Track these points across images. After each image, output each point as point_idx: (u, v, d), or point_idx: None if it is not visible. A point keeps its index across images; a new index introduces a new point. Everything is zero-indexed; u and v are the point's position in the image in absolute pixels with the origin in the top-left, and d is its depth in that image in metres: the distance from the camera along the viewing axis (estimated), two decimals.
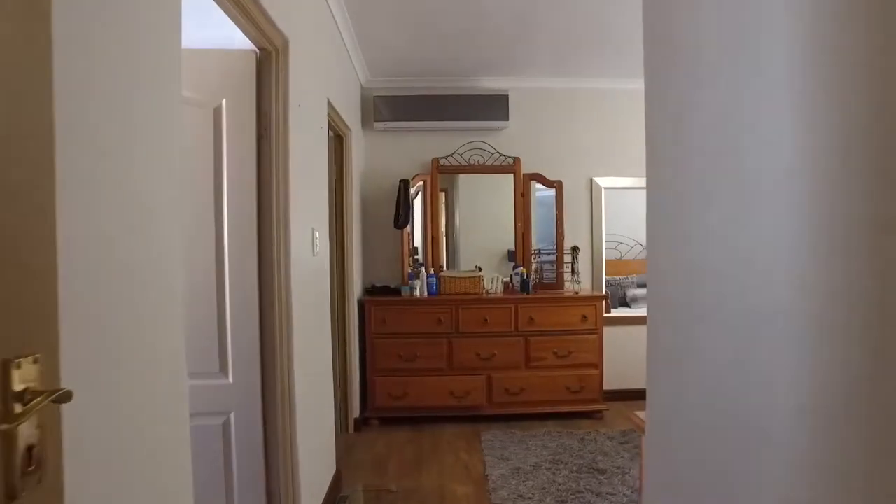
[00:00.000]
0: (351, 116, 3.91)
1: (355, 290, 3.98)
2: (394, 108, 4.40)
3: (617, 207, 4.74)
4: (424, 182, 4.47)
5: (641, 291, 5.39)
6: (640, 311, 4.94)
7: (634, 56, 4.32)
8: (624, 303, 5.44)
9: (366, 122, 4.49)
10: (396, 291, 4.25)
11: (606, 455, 3.36)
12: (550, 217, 4.61)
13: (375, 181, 4.52)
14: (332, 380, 3.39)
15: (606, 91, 4.62)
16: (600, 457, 3.33)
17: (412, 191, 4.38)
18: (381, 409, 4.03)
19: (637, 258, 5.22)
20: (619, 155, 4.65)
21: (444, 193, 4.56)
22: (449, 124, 4.44)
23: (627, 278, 5.57)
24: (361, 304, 4.08)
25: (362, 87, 4.48)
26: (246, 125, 2.07)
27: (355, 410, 3.91)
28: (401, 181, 4.27)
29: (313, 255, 2.56)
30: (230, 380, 2.05)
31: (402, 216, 4.20)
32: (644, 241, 4.77)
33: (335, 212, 3.80)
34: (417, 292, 4.15)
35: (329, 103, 3.11)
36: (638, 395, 4.68)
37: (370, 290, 4.31)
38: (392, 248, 4.49)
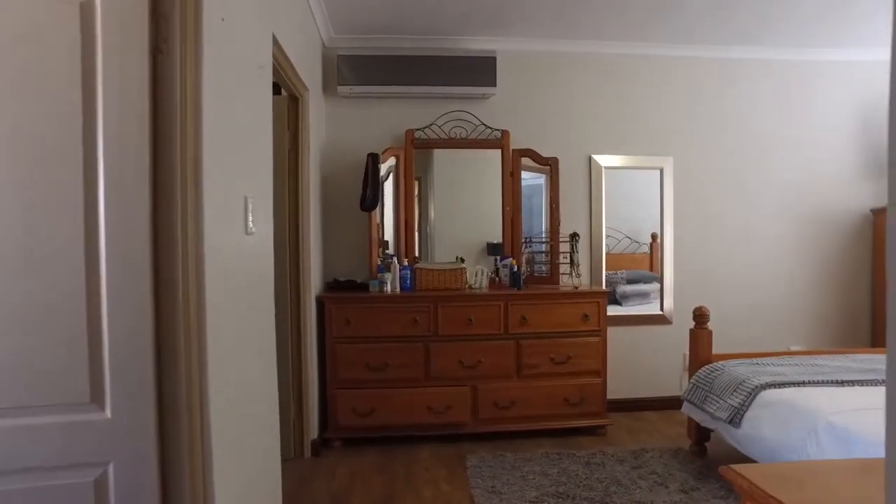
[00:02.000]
0: (309, 76, 3.23)
1: (313, 284, 3.30)
2: (361, 69, 3.73)
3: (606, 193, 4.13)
4: (397, 158, 3.80)
5: (632, 288, 4.84)
6: (633, 309, 4.36)
7: (643, 14, 3.79)
8: (614, 300, 4.91)
9: (328, 88, 3.80)
10: (363, 287, 3.58)
11: (621, 485, 2.75)
12: (530, 208, 3.99)
13: (339, 156, 3.84)
14: (281, 396, 2.71)
15: (608, 56, 4.03)
16: (613, 487, 2.72)
17: (382, 169, 3.71)
18: (345, 428, 3.36)
19: (626, 252, 4.67)
20: (621, 130, 4.07)
21: (417, 182, 3.90)
22: (426, 90, 3.78)
23: (616, 274, 5.04)
24: (320, 302, 3.40)
25: (324, 47, 3.79)
26: (133, 33, 1.38)
27: (313, 431, 3.23)
28: (369, 155, 3.60)
29: (247, 234, 1.88)
30: (108, 414, 1.36)
31: (371, 196, 3.53)
32: (631, 234, 4.05)
33: (289, 190, 3.12)
34: (388, 287, 3.49)
35: (277, 44, 2.43)
36: (642, 406, 4.13)
37: (332, 286, 3.63)
38: (358, 235, 3.81)
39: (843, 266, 4.27)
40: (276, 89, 3.11)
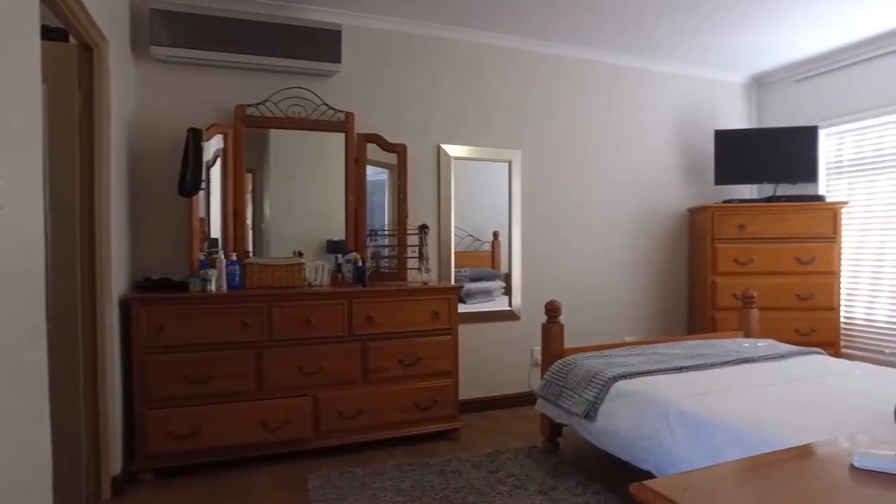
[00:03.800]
0: (110, 25, 2.62)
1: (116, 283, 2.68)
2: (180, 30, 3.15)
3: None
4: (225, 136, 3.28)
5: (476, 285, 4.80)
6: (477, 306, 4.27)
7: (500, 5, 3.60)
8: (458, 298, 4.82)
9: (139, 48, 3.17)
10: (183, 286, 3.02)
11: (479, 493, 2.57)
12: (372, 205, 3.69)
13: (153, 131, 3.22)
14: (69, 427, 2.14)
15: (461, 43, 3.89)
16: (472, 496, 2.53)
17: (209, 151, 3.16)
18: (159, 456, 2.78)
19: (468, 250, 4.61)
20: (471, 120, 3.95)
21: (251, 175, 3.41)
22: (260, 61, 3.31)
23: (460, 271, 4.98)
24: (125, 305, 2.79)
25: None
26: None
27: (115, 465, 2.61)
28: (189, 130, 3.04)
29: None
30: None
31: (192, 178, 2.98)
32: (473, 231, 3.98)
33: (81, 163, 2.49)
34: (213, 286, 2.98)
35: None
36: (492, 405, 4.00)
37: (143, 285, 3.01)
38: (177, 226, 3.23)
39: (667, 261, 4.60)
40: (64, 36, 2.47)
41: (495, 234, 4.18)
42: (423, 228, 3.52)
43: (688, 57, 4.36)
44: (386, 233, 3.72)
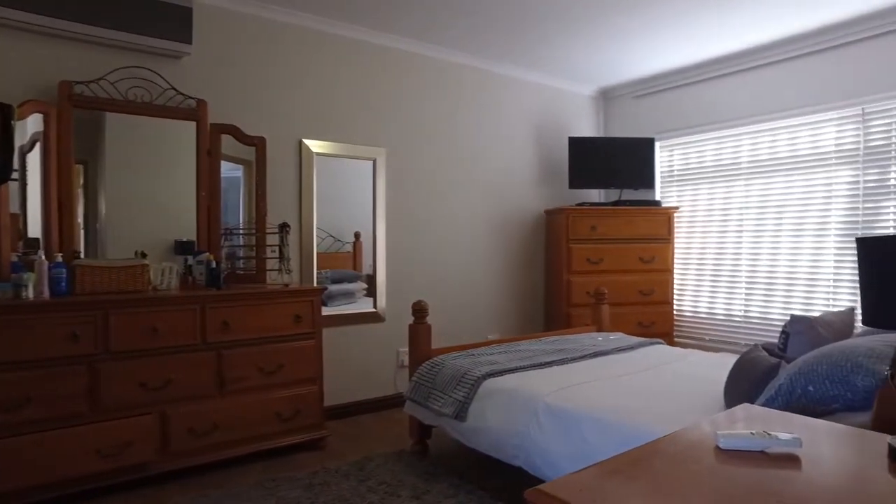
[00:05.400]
0: None
1: None
2: None
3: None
4: (46, 117, 2.81)
5: (337, 287, 4.66)
6: (339, 308, 4.12)
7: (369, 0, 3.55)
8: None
9: None
10: None
11: (349, 503, 2.45)
12: (226, 203, 3.39)
13: None
14: None
15: (326, 35, 3.72)
16: None
17: (23, 133, 2.68)
18: None
19: (329, 251, 4.46)
20: (335, 115, 3.80)
21: (82, 168, 2.96)
22: (92, 32, 2.88)
23: (321, 273, 4.80)
24: None
25: None
26: None
27: None
28: None
29: None
30: None
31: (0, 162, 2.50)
32: (334, 232, 3.85)
33: None
34: (30, 292, 2.53)
35: None
36: (358, 409, 3.87)
37: None
38: None
39: (525, 261, 4.79)
40: None
41: (357, 235, 4.06)
42: (283, 227, 3.30)
43: (546, 67, 4.59)
44: (242, 232, 3.44)
